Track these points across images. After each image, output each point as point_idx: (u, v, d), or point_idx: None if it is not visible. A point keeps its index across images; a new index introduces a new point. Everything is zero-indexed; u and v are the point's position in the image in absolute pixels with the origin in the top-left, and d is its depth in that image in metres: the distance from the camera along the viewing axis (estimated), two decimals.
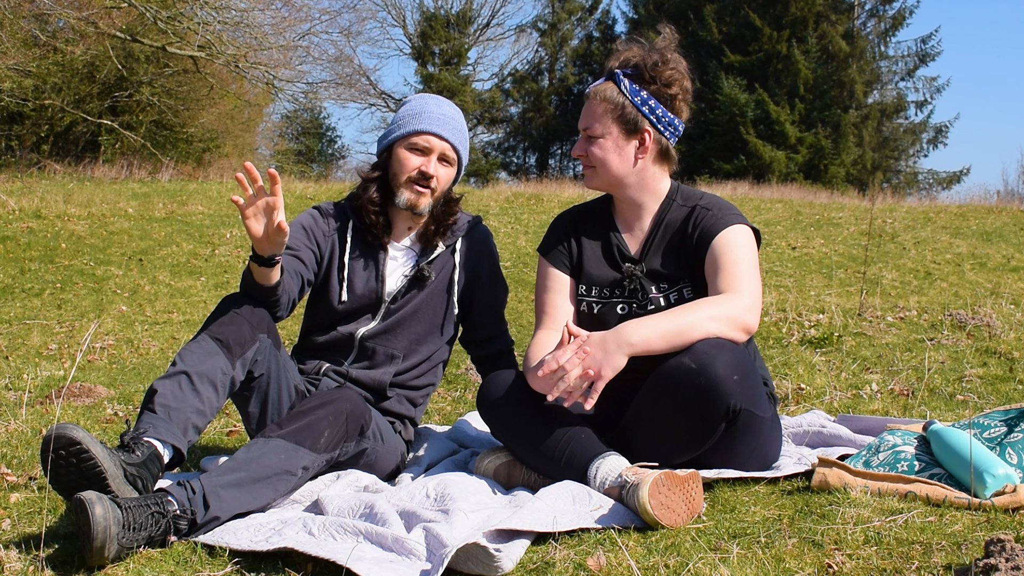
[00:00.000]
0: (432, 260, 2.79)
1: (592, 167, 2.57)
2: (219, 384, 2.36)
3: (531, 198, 14.40)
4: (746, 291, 2.37)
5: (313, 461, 2.32)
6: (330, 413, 2.36)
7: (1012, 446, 2.26)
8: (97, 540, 1.91)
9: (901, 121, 29.66)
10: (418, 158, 2.71)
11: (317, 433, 2.32)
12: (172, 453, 2.26)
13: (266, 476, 2.23)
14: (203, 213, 11.75)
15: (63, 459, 2.06)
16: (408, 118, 2.73)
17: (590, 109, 2.55)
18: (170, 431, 2.24)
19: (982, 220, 12.21)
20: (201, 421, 2.32)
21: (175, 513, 2.08)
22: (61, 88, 17.84)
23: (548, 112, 33.40)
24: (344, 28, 27.76)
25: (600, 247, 2.64)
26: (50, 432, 2.06)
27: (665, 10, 29.25)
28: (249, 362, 2.44)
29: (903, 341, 4.41)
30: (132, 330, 6.36)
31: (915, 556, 1.83)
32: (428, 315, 2.80)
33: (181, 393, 2.30)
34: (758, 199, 15.68)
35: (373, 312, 2.77)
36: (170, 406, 2.27)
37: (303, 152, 31.76)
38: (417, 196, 2.71)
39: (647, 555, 1.94)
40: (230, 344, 2.39)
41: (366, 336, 2.76)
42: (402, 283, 2.77)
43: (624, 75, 2.52)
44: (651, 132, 2.53)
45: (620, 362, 2.26)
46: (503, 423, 2.47)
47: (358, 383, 2.75)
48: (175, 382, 2.31)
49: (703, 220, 2.51)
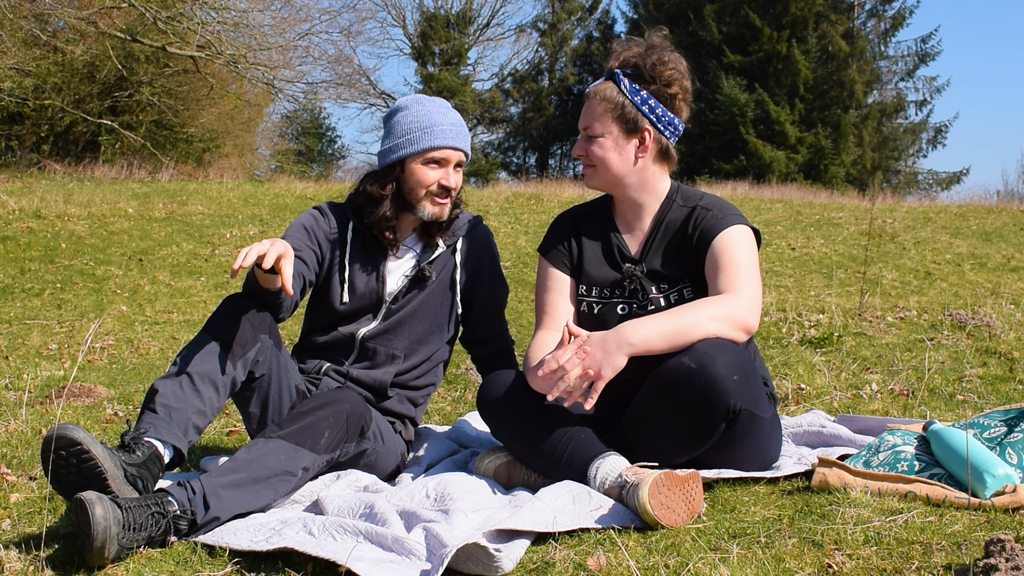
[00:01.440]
0: (433, 260, 2.79)
1: (592, 166, 2.57)
2: (220, 384, 2.36)
3: (531, 198, 14.41)
4: (746, 291, 2.37)
5: (313, 462, 2.32)
6: (331, 414, 2.36)
7: (1012, 446, 2.26)
8: (97, 540, 1.91)
9: (901, 121, 29.67)
10: (436, 172, 2.69)
11: (318, 434, 2.32)
12: (173, 453, 2.27)
13: (266, 477, 2.23)
14: (203, 213, 11.75)
15: (63, 459, 2.06)
16: (419, 132, 2.68)
17: (590, 109, 2.55)
18: (171, 431, 2.25)
19: (982, 220, 12.22)
20: (202, 421, 2.32)
21: (175, 513, 2.08)
22: (61, 88, 17.85)
23: (548, 112, 33.40)
24: (344, 28, 27.74)
25: (600, 247, 2.64)
26: (51, 432, 2.06)
27: (665, 10, 29.27)
28: (250, 362, 2.44)
29: (903, 341, 4.41)
30: (132, 330, 6.36)
31: (915, 556, 1.83)
32: (429, 315, 2.80)
33: (182, 393, 2.30)
34: (758, 199, 15.69)
35: (374, 312, 2.77)
36: (171, 406, 2.27)
37: (303, 152, 31.77)
38: (440, 208, 2.72)
39: (647, 555, 1.94)
40: (231, 344, 2.39)
41: (367, 336, 2.76)
42: (403, 283, 2.77)
43: (624, 75, 2.52)
44: (651, 131, 2.52)
45: (620, 362, 2.26)
46: (503, 423, 2.47)
47: (359, 383, 2.75)
48: (176, 382, 2.31)
49: (703, 220, 2.51)
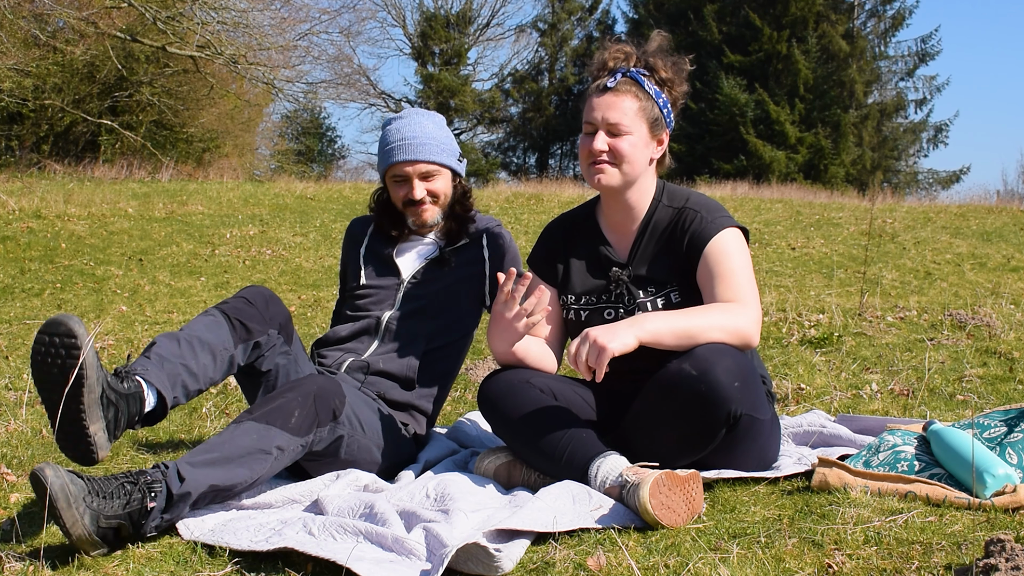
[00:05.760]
0: (457, 248, 2.92)
1: (614, 164, 2.49)
2: (218, 356, 2.36)
3: (531, 198, 14.41)
4: (752, 303, 2.37)
5: (288, 442, 2.26)
6: (299, 395, 2.33)
7: (1012, 446, 2.26)
8: (60, 504, 1.88)
9: (901, 120, 29.68)
10: (402, 187, 2.88)
11: (288, 413, 2.27)
12: (156, 401, 2.23)
13: (239, 455, 2.18)
14: (203, 213, 11.76)
15: (53, 347, 2.03)
16: (382, 153, 2.91)
17: (619, 104, 2.47)
18: (159, 377, 2.23)
19: (982, 220, 12.22)
20: (192, 383, 2.30)
21: (147, 481, 2.04)
22: (61, 88, 17.85)
23: (548, 112, 33.39)
24: (344, 28, 27.78)
25: (587, 255, 2.63)
26: (56, 317, 2.04)
27: (665, 10, 29.28)
28: (251, 348, 2.45)
29: (903, 341, 4.41)
30: (132, 330, 6.35)
31: (915, 556, 1.83)
32: (452, 303, 2.89)
33: (178, 350, 2.30)
34: (758, 199, 15.69)
35: (394, 294, 2.87)
36: (164, 356, 2.27)
37: (303, 152, 31.77)
38: (419, 215, 2.89)
39: (647, 555, 1.94)
40: (237, 324, 2.42)
41: (391, 320, 2.83)
42: (420, 264, 2.91)
43: (642, 75, 2.51)
44: (667, 135, 2.54)
45: (629, 340, 2.23)
46: (504, 421, 2.47)
47: (384, 375, 2.77)
48: (174, 339, 2.32)
49: (692, 224, 2.48)
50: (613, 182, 2.50)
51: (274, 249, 9.84)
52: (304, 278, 8.71)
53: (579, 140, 2.57)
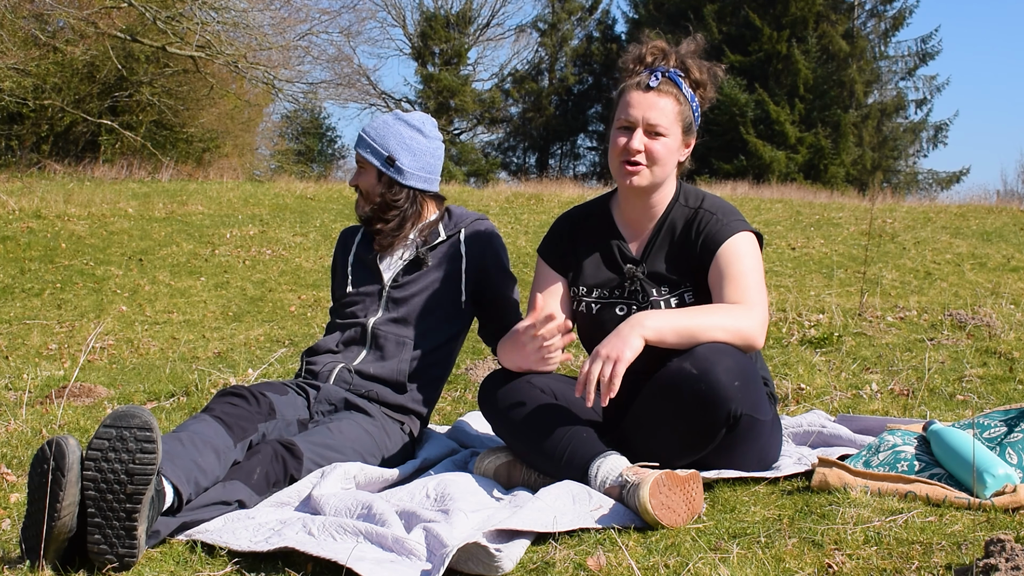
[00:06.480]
0: (434, 247, 2.91)
1: (647, 166, 2.46)
2: (221, 455, 2.29)
3: (531, 198, 14.42)
4: (759, 307, 2.37)
5: (249, 497, 2.31)
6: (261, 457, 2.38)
7: (1012, 446, 2.26)
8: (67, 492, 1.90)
9: (901, 120, 29.68)
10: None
11: (249, 471, 2.34)
12: (174, 496, 2.13)
13: (203, 504, 2.20)
14: (203, 213, 11.76)
15: (121, 440, 1.92)
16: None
17: (660, 105, 2.44)
18: (175, 473, 2.14)
19: (982, 220, 12.22)
20: (202, 479, 2.21)
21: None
22: (61, 88, 17.85)
23: (548, 112, 33.39)
24: (344, 28, 27.76)
25: (601, 249, 2.62)
26: (123, 408, 1.95)
27: (665, 10, 29.27)
28: (247, 448, 2.43)
29: (903, 341, 4.41)
30: (132, 330, 6.36)
31: (915, 556, 1.83)
32: (434, 302, 2.88)
33: (183, 448, 2.21)
34: (758, 199, 15.69)
35: (378, 300, 2.89)
36: (173, 454, 2.18)
37: (303, 152, 31.76)
38: (361, 209, 2.97)
39: (647, 555, 1.94)
40: (232, 426, 2.38)
41: (377, 324, 2.85)
42: (400, 267, 2.91)
43: (679, 75, 2.49)
44: (695, 140, 2.54)
45: (637, 343, 2.25)
46: (504, 421, 2.47)
47: (375, 379, 2.80)
48: (175, 439, 2.23)
49: (708, 225, 2.47)
50: (643, 183, 2.47)
51: (274, 249, 9.84)
52: (304, 278, 8.72)
53: (611, 134, 2.52)
